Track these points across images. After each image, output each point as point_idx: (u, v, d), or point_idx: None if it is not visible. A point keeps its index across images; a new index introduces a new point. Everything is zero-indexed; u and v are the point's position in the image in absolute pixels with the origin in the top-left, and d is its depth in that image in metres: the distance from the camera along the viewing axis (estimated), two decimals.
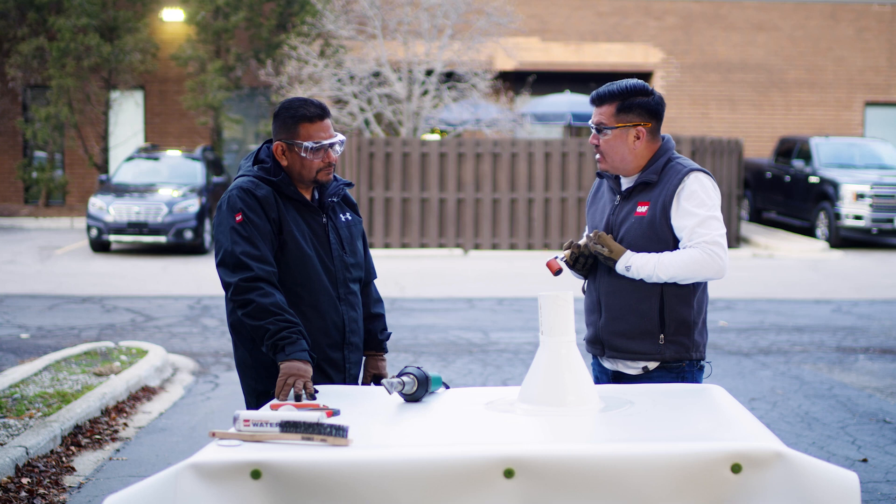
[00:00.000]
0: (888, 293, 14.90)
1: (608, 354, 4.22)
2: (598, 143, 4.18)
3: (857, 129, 26.95)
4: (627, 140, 4.14)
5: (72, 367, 9.11)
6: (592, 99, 4.20)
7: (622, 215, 4.20)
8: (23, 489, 6.04)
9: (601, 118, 4.15)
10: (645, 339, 4.12)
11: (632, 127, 4.12)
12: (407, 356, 10.09)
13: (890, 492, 6.18)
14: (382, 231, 19.36)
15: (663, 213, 4.10)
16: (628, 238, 4.14)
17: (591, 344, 4.31)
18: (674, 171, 4.16)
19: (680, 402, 3.70)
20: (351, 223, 4.29)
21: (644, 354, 4.14)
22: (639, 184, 4.17)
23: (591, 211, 4.39)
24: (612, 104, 4.13)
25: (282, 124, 4.10)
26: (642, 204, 4.15)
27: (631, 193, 4.20)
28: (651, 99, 4.14)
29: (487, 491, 3.00)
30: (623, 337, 4.15)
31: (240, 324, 4.09)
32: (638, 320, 4.12)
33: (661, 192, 4.13)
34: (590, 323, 4.30)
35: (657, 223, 4.10)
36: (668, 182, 4.13)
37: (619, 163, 4.18)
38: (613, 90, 4.13)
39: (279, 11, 23.99)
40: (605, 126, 4.13)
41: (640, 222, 4.13)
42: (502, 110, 21.30)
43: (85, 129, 24.57)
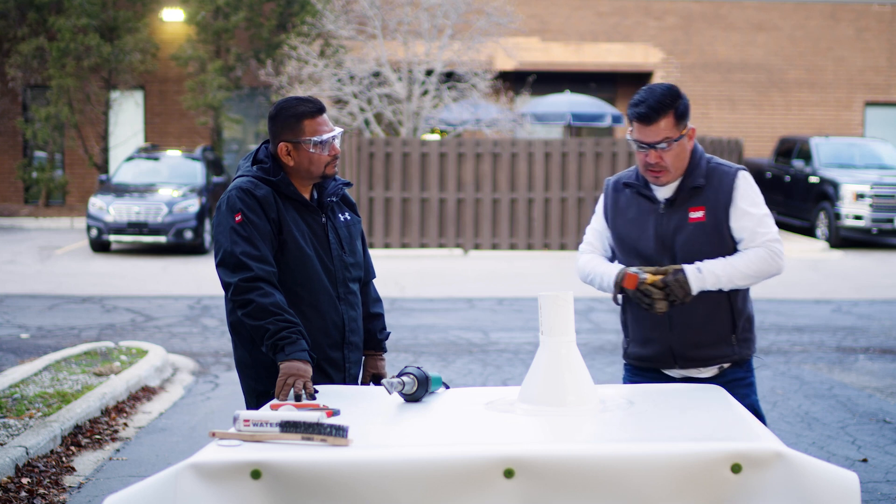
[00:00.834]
0: (888, 293, 14.90)
1: (680, 365, 4.13)
2: (661, 159, 3.99)
3: (857, 129, 26.95)
4: (686, 146, 4.04)
5: (72, 367, 9.11)
6: (645, 117, 3.96)
7: (674, 224, 4.06)
8: (23, 489, 6.04)
9: (665, 133, 3.96)
10: (720, 344, 4.11)
11: (688, 130, 4.03)
12: (407, 356, 10.09)
13: (890, 492, 6.18)
14: (382, 231, 19.36)
15: (724, 216, 4.02)
16: (688, 246, 4.03)
17: (656, 360, 4.16)
18: (720, 172, 4.07)
19: (680, 402, 3.70)
20: (350, 223, 4.29)
21: (721, 358, 4.12)
22: (688, 189, 4.05)
23: (621, 223, 4.18)
24: (669, 115, 3.97)
25: (283, 124, 4.10)
26: (695, 209, 4.04)
27: (676, 200, 4.07)
28: (684, 97, 4.05)
29: (487, 491, 3.00)
30: (701, 346, 4.10)
31: (240, 324, 4.09)
32: (715, 327, 4.09)
33: (715, 195, 4.03)
34: (651, 339, 4.14)
35: (721, 227, 4.02)
36: (719, 184, 4.04)
37: (681, 170, 4.04)
38: (665, 100, 3.97)
39: (279, 11, 23.99)
40: (673, 139, 3.97)
41: (700, 229, 4.03)
42: (502, 110, 21.29)
43: (85, 129, 24.57)
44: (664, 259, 4.08)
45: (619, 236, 4.18)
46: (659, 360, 4.15)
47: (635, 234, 4.12)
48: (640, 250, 4.12)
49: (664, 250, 4.08)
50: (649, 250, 4.10)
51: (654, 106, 3.95)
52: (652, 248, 4.09)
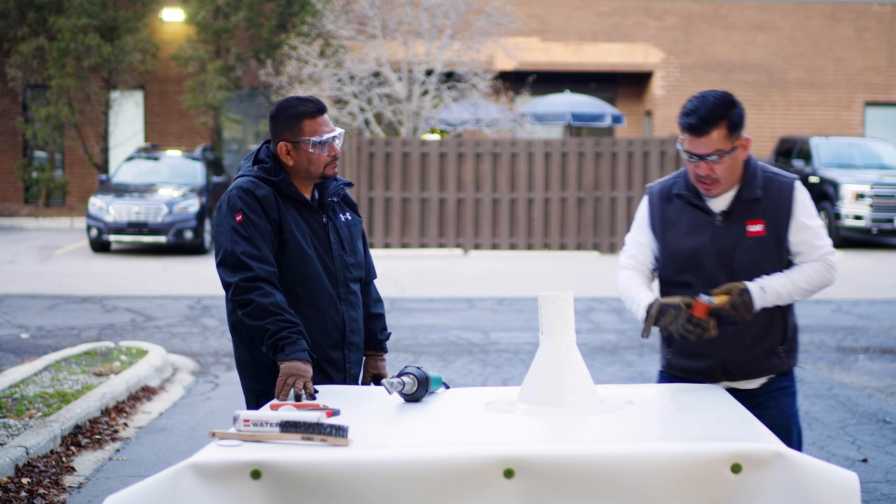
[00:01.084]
0: (888, 293, 14.90)
1: (729, 378, 4.03)
2: (712, 171, 3.83)
3: (857, 129, 26.95)
4: (739, 156, 3.87)
5: (72, 367, 9.11)
6: (696, 128, 3.81)
7: (732, 238, 3.92)
8: (23, 489, 6.04)
9: (717, 144, 3.80)
10: (770, 355, 4.04)
11: (741, 140, 3.86)
12: (407, 356, 10.09)
13: (890, 492, 6.18)
14: (382, 231, 19.36)
15: (785, 230, 3.92)
16: (747, 262, 3.92)
17: (705, 373, 4.03)
18: (778, 183, 3.94)
19: (680, 402, 3.70)
20: (351, 223, 4.29)
21: (770, 369, 4.05)
22: (746, 201, 3.91)
23: (673, 236, 4.01)
24: (721, 126, 3.80)
25: (284, 124, 4.10)
26: (753, 223, 3.91)
27: (733, 212, 3.93)
28: (739, 106, 3.87)
29: (487, 491, 3.00)
30: (753, 360, 4.02)
31: (240, 324, 4.09)
32: (768, 340, 4.02)
33: (775, 208, 3.91)
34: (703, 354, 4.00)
35: (781, 241, 3.93)
36: (778, 197, 3.92)
37: (733, 182, 3.90)
38: (718, 111, 3.81)
39: (279, 11, 23.99)
40: (725, 151, 3.81)
41: (760, 243, 3.92)
42: (502, 110, 21.29)
43: (85, 129, 24.57)
44: (721, 275, 3.94)
45: (670, 251, 4.01)
46: (708, 373, 4.03)
47: (689, 248, 3.96)
48: (696, 265, 3.97)
49: (721, 266, 3.94)
50: (706, 265, 3.95)
51: (705, 117, 3.80)
52: (709, 264, 3.95)
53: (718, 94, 3.85)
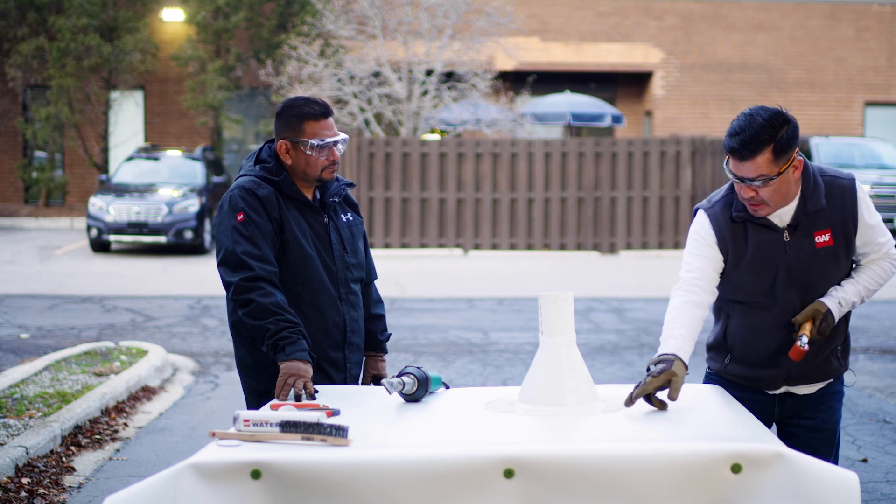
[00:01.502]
0: (888, 293, 14.87)
1: (789, 384, 3.93)
2: (756, 194, 3.65)
3: (857, 129, 26.95)
4: (789, 178, 3.66)
5: (72, 367, 9.11)
6: (739, 152, 3.61)
7: (803, 252, 3.77)
8: (23, 489, 6.04)
9: (761, 170, 3.60)
10: (832, 358, 3.96)
11: (791, 163, 3.64)
12: (407, 356, 10.09)
13: (890, 492, 6.18)
14: (382, 231, 19.36)
15: (853, 234, 3.81)
16: (818, 273, 3.79)
17: (766, 381, 3.92)
18: (838, 186, 3.78)
19: (680, 402, 3.70)
20: (352, 223, 4.29)
21: (830, 373, 3.97)
22: (812, 212, 3.74)
23: (741, 259, 3.81)
24: (766, 151, 3.59)
25: (286, 122, 4.10)
26: (821, 233, 3.76)
27: (799, 224, 3.76)
28: (791, 123, 3.64)
29: (487, 491, 3.00)
30: (818, 365, 3.92)
31: (240, 323, 4.09)
32: (832, 345, 3.93)
33: (840, 213, 3.77)
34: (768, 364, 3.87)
35: (850, 247, 3.82)
36: (841, 202, 3.77)
37: (783, 202, 3.71)
38: (763, 135, 3.58)
39: (279, 11, 24.00)
40: (770, 177, 3.60)
41: (830, 253, 3.78)
42: (502, 110, 21.30)
43: (85, 129, 24.57)
44: (792, 291, 3.79)
45: (740, 274, 3.81)
46: (770, 381, 3.91)
47: (761, 269, 3.78)
48: (768, 285, 3.80)
49: (793, 282, 3.79)
50: (778, 284, 3.79)
51: (748, 141, 3.59)
52: (781, 281, 3.79)
53: (769, 113, 3.63)
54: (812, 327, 3.76)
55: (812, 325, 3.77)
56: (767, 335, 3.84)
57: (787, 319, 3.82)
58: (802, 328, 3.78)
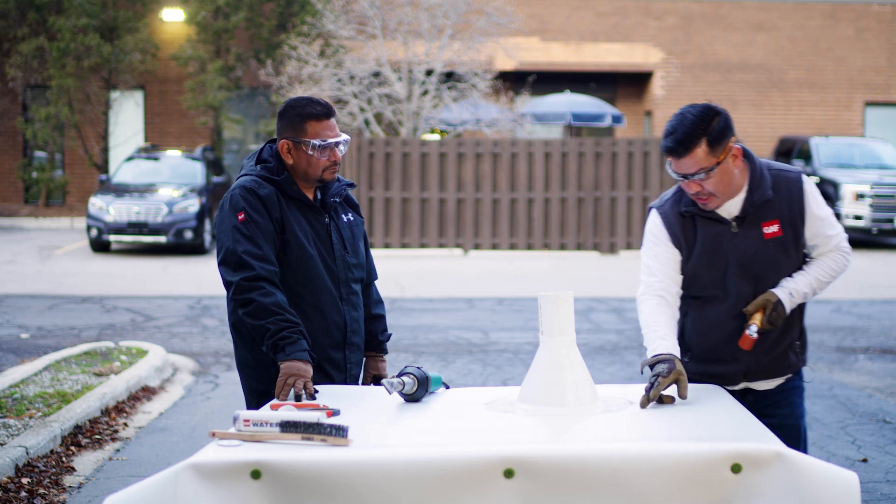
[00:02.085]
0: (888, 293, 14.90)
1: (748, 380, 3.98)
2: (701, 188, 3.76)
3: (857, 129, 26.95)
4: (730, 167, 3.77)
5: (72, 367, 9.11)
6: (674, 150, 3.75)
7: (751, 242, 3.85)
8: (23, 489, 6.04)
9: (700, 164, 3.73)
10: (789, 352, 4.01)
11: (728, 152, 3.76)
12: (407, 356, 10.09)
13: (890, 492, 6.18)
14: (382, 231, 19.36)
15: (801, 226, 3.88)
16: (768, 264, 3.85)
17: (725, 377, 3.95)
18: (785, 179, 3.88)
19: (680, 401, 3.70)
20: (353, 223, 4.29)
21: (789, 367, 4.02)
22: (758, 203, 3.84)
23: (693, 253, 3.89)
24: (701, 144, 3.72)
25: (288, 122, 4.10)
26: (769, 224, 3.85)
27: (747, 216, 3.86)
28: (722, 114, 3.77)
29: (487, 491, 3.00)
30: (776, 359, 3.98)
31: (241, 323, 4.09)
32: (788, 339, 3.98)
33: (786, 205, 3.85)
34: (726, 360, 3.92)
35: (799, 238, 3.89)
36: (788, 194, 3.86)
37: (729, 193, 3.81)
38: (695, 130, 3.72)
39: (279, 11, 24.00)
40: (709, 168, 3.72)
41: (778, 244, 3.86)
42: (502, 110, 21.30)
43: (85, 129, 24.57)
44: (744, 282, 3.87)
45: (694, 268, 3.90)
46: (728, 378, 3.98)
47: (712, 262, 3.87)
48: (720, 278, 3.89)
49: (744, 273, 3.86)
50: (729, 276, 3.88)
51: (681, 139, 3.73)
52: (732, 273, 3.87)
53: (697, 109, 3.78)
54: (762, 317, 3.83)
55: (762, 314, 3.83)
56: (722, 328, 3.90)
57: (741, 311, 3.89)
58: (753, 318, 3.85)
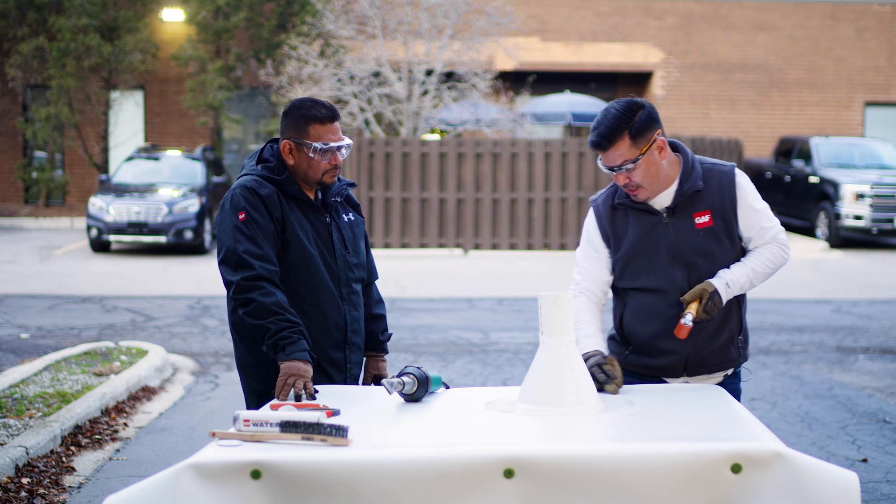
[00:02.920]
0: (888, 293, 14.90)
1: (689, 374, 4.03)
2: (629, 180, 3.88)
3: (857, 129, 26.95)
4: (655, 158, 3.88)
5: (72, 367, 9.11)
6: (598, 144, 3.88)
7: (683, 232, 3.94)
8: (23, 489, 6.05)
9: (624, 156, 3.85)
10: (730, 346, 4.06)
11: (652, 144, 3.88)
12: (407, 356, 10.09)
13: (890, 492, 6.18)
14: (382, 231, 19.36)
15: (733, 217, 3.95)
16: (700, 254, 3.93)
17: (665, 370, 4.02)
18: (717, 172, 3.97)
19: (680, 402, 3.70)
20: (354, 223, 4.29)
21: (729, 363, 4.07)
22: (689, 194, 3.93)
23: (627, 245, 3.99)
24: (623, 138, 3.84)
25: (291, 123, 4.11)
26: (700, 214, 3.94)
27: (678, 206, 3.95)
28: (646, 107, 3.89)
29: (487, 491, 3.00)
30: (716, 353, 4.02)
31: (241, 323, 4.09)
32: (727, 332, 4.03)
33: (717, 196, 3.94)
34: (664, 351, 3.98)
35: (731, 228, 3.95)
36: (719, 185, 3.95)
37: (657, 184, 3.92)
38: (617, 124, 3.85)
39: (279, 11, 23.99)
40: (632, 160, 3.84)
41: (710, 233, 3.94)
42: (502, 110, 21.30)
43: (85, 129, 24.57)
44: (677, 272, 3.94)
45: (625, 258, 4.00)
46: (668, 370, 4.03)
47: (642, 251, 3.97)
48: (652, 267, 3.97)
49: (676, 262, 3.94)
50: (661, 265, 3.96)
51: (604, 133, 3.85)
52: (664, 263, 3.95)
53: (621, 104, 3.89)
54: (698, 306, 3.88)
55: (699, 304, 3.88)
56: (659, 318, 3.96)
57: (677, 301, 3.95)
58: (689, 307, 3.90)
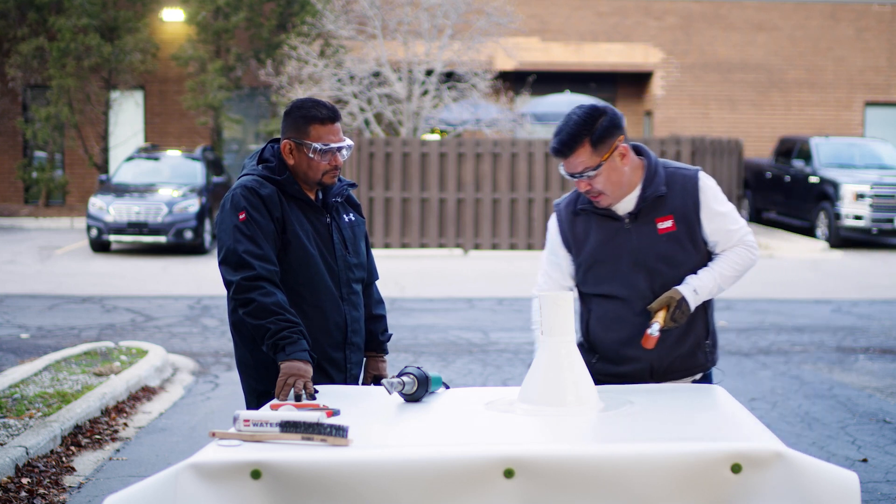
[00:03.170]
0: (888, 293, 14.90)
1: (656, 380, 4.02)
2: (591, 187, 3.84)
3: (857, 129, 26.95)
4: (617, 165, 3.83)
5: (72, 367, 9.11)
6: (559, 151, 3.82)
7: (646, 238, 3.91)
8: (23, 489, 6.04)
9: (585, 163, 3.81)
10: (697, 352, 4.03)
11: (614, 151, 3.82)
12: (407, 356, 10.09)
13: (890, 492, 6.18)
14: (382, 231, 19.36)
15: (696, 221, 3.91)
16: (663, 259, 3.90)
17: (632, 377, 3.99)
18: (680, 176, 3.94)
19: (680, 402, 3.70)
20: (354, 224, 4.30)
21: (697, 367, 4.05)
22: (651, 199, 3.89)
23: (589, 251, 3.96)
24: (584, 145, 3.80)
25: (292, 123, 4.11)
26: (663, 219, 3.90)
27: (640, 212, 3.91)
28: (608, 113, 3.84)
29: (487, 491, 3.00)
30: (682, 359, 4.00)
31: (241, 323, 4.09)
32: (694, 337, 4.01)
33: (682, 201, 3.90)
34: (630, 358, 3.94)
35: (694, 233, 3.91)
36: (682, 190, 3.91)
37: (619, 190, 3.87)
38: (578, 131, 3.80)
39: (279, 11, 23.99)
40: (593, 167, 3.80)
41: (673, 238, 3.90)
42: (502, 110, 21.29)
43: (85, 129, 24.57)
44: (640, 277, 3.90)
45: (587, 264, 3.96)
46: (634, 377, 3.99)
47: (605, 257, 3.92)
48: (615, 273, 3.92)
49: (639, 268, 3.91)
50: (624, 272, 3.91)
51: (565, 140, 3.81)
52: (627, 269, 3.91)
53: (583, 110, 3.84)
54: (666, 315, 3.85)
55: (666, 312, 3.85)
56: (624, 325, 3.91)
57: (641, 308, 3.91)
58: (656, 316, 3.86)
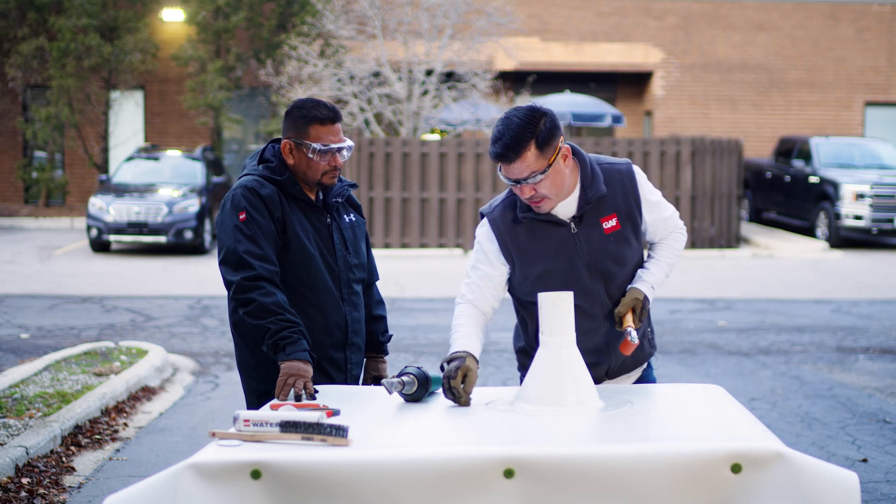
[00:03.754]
0: (888, 293, 14.89)
1: (610, 377, 4.00)
2: (535, 192, 3.70)
3: (857, 129, 26.96)
4: (561, 168, 3.72)
5: (72, 367, 9.11)
6: (503, 156, 3.66)
7: (593, 240, 3.82)
8: (23, 489, 6.05)
9: (531, 167, 3.65)
10: (644, 343, 4.05)
11: (558, 153, 3.69)
12: (407, 356, 10.09)
13: (890, 492, 6.18)
14: (382, 231, 19.37)
15: (638, 215, 3.88)
16: (613, 260, 3.84)
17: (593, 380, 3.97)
18: (616, 171, 3.87)
19: (680, 401, 3.70)
20: (355, 224, 4.30)
21: (644, 357, 4.08)
22: (594, 200, 3.80)
23: (532, 261, 3.83)
24: (529, 148, 3.64)
25: (292, 123, 4.11)
26: (607, 219, 3.82)
27: (584, 214, 3.82)
28: (548, 114, 3.71)
29: (487, 491, 3.00)
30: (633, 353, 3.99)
31: (241, 323, 4.09)
32: (641, 331, 3.99)
33: (621, 197, 3.84)
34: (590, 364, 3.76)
35: (637, 229, 3.89)
36: (621, 185, 3.85)
37: (562, 193, 3.76)
38: (522, 134, 3.64)
39: (279, 11, 24.00)
40: (541, 171, 3.66)
41: (620, 236, 3.84)
42: (502, 110, 21.27)
43: (85, 129, 24.58)
44: (594, 281, 3.84)
45: (538, 276, 3.83)
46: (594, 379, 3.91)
47: (555, 266, 3.81)
48: (567, 281, 3.80)
49: (592, 272, 3.83)
50: (577, 277, 3.82)
51: (510, 144, 3.64)
52: (580, 274, 3.82)
53: (523, 112, 3.68)
54: (634, 317, 3.83)
55: (633, 314, 3.83)
56: (582, 334, 3.75)
57: (596, 311, 3.88)
58: (625, 320, 3.82)
